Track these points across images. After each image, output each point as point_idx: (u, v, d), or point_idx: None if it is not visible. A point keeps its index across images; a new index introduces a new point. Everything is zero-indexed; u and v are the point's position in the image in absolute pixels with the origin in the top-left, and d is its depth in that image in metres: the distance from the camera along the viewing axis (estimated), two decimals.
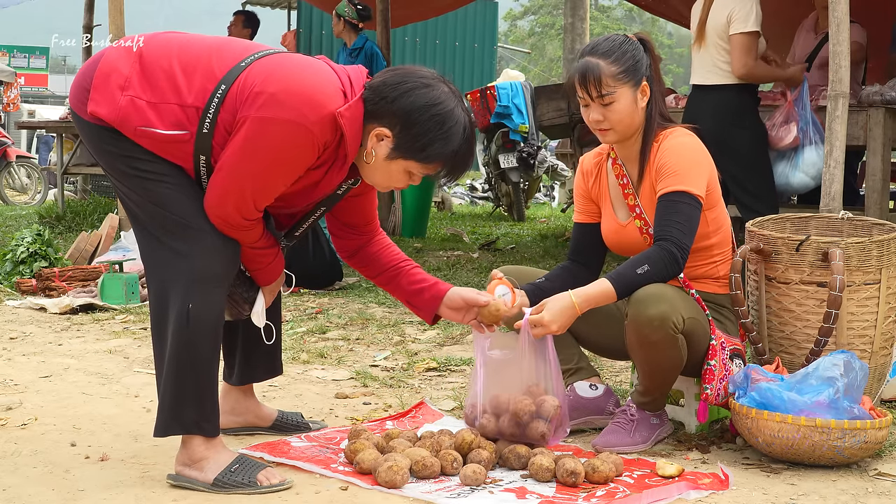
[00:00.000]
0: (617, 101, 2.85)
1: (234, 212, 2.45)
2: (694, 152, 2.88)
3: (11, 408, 3.23)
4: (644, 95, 2.89)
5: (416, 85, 2.45)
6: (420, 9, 10.88)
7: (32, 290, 5.54)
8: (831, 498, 2.50)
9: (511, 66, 29.50)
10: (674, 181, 2.82)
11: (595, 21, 34.93)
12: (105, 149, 2.49)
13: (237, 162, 2.40)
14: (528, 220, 11.54)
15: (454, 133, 2.46)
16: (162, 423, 2.50)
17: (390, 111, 2.44)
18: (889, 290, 3.05)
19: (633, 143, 2.96)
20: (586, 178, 3.10)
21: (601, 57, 2.86)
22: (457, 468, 2.58)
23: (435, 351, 4.20)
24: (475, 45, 14.42)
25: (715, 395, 2.83)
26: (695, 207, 2.81)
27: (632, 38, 2.93)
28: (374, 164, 2.50)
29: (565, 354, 3.10)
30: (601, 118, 2.88)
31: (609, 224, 3.04)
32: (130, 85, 2.43)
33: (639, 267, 2.76)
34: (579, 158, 3.18)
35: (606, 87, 2.84)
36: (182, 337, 2.45)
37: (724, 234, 3.00)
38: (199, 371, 2.48)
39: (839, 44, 4.21)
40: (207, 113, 2.41)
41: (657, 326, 2.70)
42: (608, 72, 2.84)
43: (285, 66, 2.45)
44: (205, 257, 2.47)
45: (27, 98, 25.43)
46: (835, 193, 4.20)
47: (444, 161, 2.49)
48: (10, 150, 14.79)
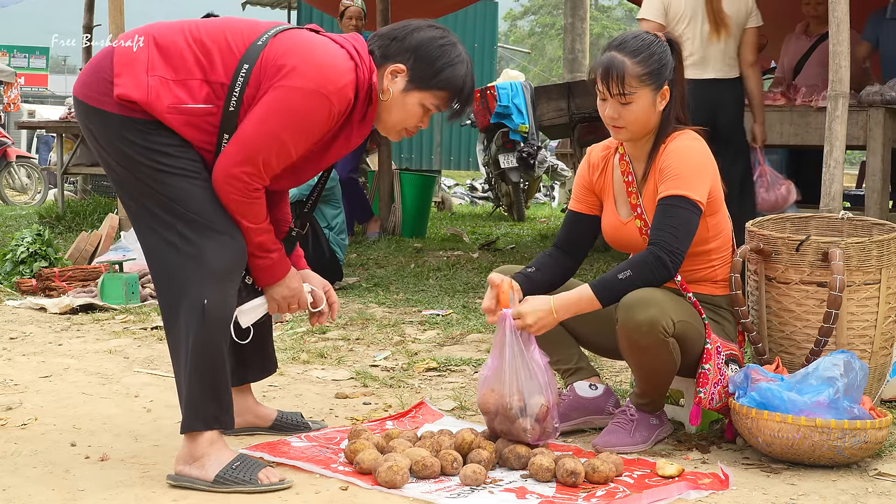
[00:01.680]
0: (636, 102, 2.83)
1: (243, 174, 2.50)
2: (699, 156, 2.85)
3: (11, 408, 3.23)
4: (663, 99, 2.87)
5: (421, 25, 2.67)
6: (421, 10, 10.89)
7: (32, 290, 5.54)
8: (831, 498, 2.50)
9: (511, 66, 29.51)
10: (675, 185, 2.80)
11: (595, 21, 34.91)
12: (128, 139, 2.51)
13: (257, 125, 2.50)
14: (528, 220, 11.54)
15: (461, 61, 2.65)
16: (186, 420, 2.54)
17: (402, 48, 2.62)
18: (889, 290, 3.05)
19: (644, 143, 2.93)
20: (592, 170, 3.07)
21: (628, 55, 2.83)
22: (457, 468, 2.58)
23: (435, 351, 4.20)
24: (475, 45, 14.40)
25: (709, 399, 2.81)
26: (693, 213, 2.79)
27: (661, 38, 2.90)
28: (391, 100, 2.63)
29: (565, 354, 3.10)
30: (617, 116, 2.85)
31: (610, 219, 3.03)
32: (154, 66, 2.51)
33: (621, 272, 2.75)
34: (586, 150, 3.17)
35: (629, 87, 2.81)
36: (199, 334, 2.49)
37: (724, 239, 2.98)
38: (217, 367, 2.53)
39: (839, 44, 4.21)
40: (233, 91, 2.52)
41: (646, 332, 2.69)
42: (633, 72, 2.81)
43: (302, 41, 2.58)
44: (215, 253, 2.50)
45: (27, 98, 25.43)
46: (835, 193, 4.20)
47: (454, 89, 2.64)
48: (10, 150, 14.79)
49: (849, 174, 12.62)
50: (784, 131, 5.29)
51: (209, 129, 2.54)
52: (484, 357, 4.07)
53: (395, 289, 5.84)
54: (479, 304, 5.22)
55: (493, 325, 2.81)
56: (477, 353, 4.16)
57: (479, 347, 4.26)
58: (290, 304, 2.77)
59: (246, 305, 2.72)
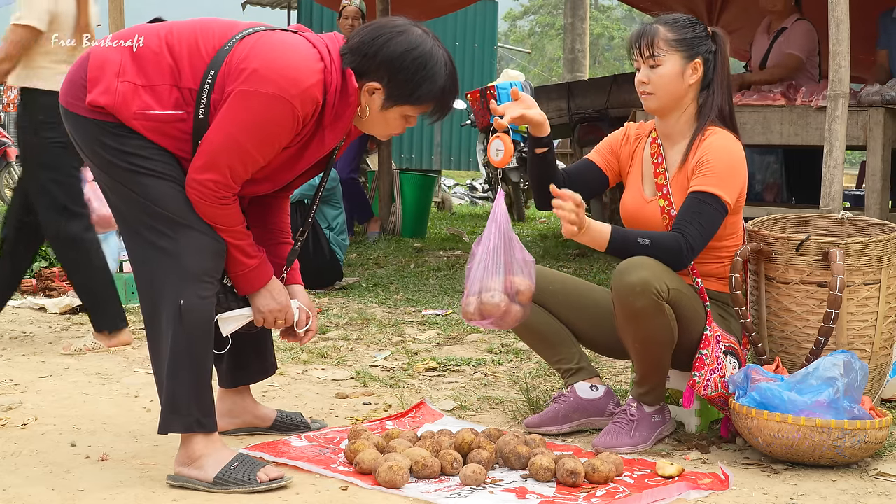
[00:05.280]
0: (664, 66, 2.90)
1: (209, 181, 2.47)
2: (738, 159, 2.90)
3: (11, 408, 3.23)
4: (694, 73, 2.92)
5: (392, 35, 2.53)
6: (421, 9, 10.88)
7: (32, 290, 5.54)
8: (831, 498, 2.50)
9: (511, 66, 29.51)
10: (710, 182, 2.83)
11: (595, 21, 34.92)
12: (104, 143, 2.51)
13: (218, 132, 2.46)
14: (528, 219, 11.55)
15: (437, 71, 2.55)
16: (163, 421, 2.53)
17: (374, 65, 2.52)
18: (889, 290, 3.05)
19: (675, 122, 2.97)
20: (625, 140, 3.12)
21: (662, 24, 2.94)
22: (457, 468, 2.58)
23: (435, 351, 4.20)
24: (475, 45, 14.39)
25: (703, 384, 2.81)
26: (720, 213, 2.84)
27: (702, 22, 2.99)
28: (370, 117, 2.59)
29: (566, 354, 3.10)
30: (647, 80, 2.93)
31: (634, 196, 3.04)
32: (125, 72, 2.49)
33: (641, 238, 2.79)
34: (586, 150, 3.19)
35: (657, 48, 2.90)
36: (177, 335, 2.47)
37: (738, 238, 3.02)
38: (196, 368, 2.51)
39: (839, 44, 4.21)
40: (201, 98, 2.48)
41: (639, 292, 2.71)
42: (663, 35, 2.91)
43: (266, 43, 2.51)
44: (193, 255, 2.49)
45: None
46: (835, 193, 4.20)
47: (434, 99, 2.58)
48: (10, 150, 14.76)
49: (849, 174, 12.62)
50: (784, 131, 5.28)
51: (181, 135, 2.51)
52: (484, 357, 4.08)
53: (395, 289, 5.84)
54: None
55: (493, 326, 2.78)
56: (477, 353, 4.16)
57: (479, 347, 4.26)
58: (277, 319, 2.70)
59: (229, 314, 2.66)
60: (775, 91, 5.51)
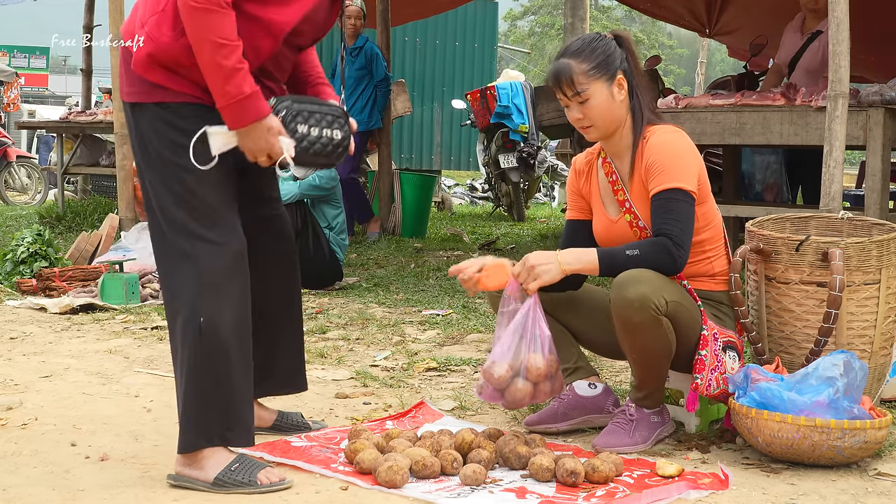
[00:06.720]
0: (592, 98, 2.88)
1: None
2: (682, 147, 2.88)
3: (11, 408, 3.23)
4: (621, 89, 2.91)
5: None
6: (420, 7, 10.88)
7: (33, 290, 5.54)
8: (831, 498, 2.50)
9: (511, 66, 29.51)
10: (665, 178, 2.83)
11: (595, 21, 34.91)
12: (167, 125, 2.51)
13: None
14: (528, 220, 11.55)
15: None
16: (184, 440, 2.50)
17: None
18: (889, 290, 3.05)
19: (619, 139, 2.97)
20: (578, 177, 3.13)
21: (572, 56, 2.89)
22: (457, 468, 2.58)
23: (435, 351, 4.20)
24: (475, 45, 14.40)
25: (706, 385, 2.81)
26: (689, 203, 2.82)
27: (607, 35, 2.96)
28: None
29: (565, 354, 3.10)
30: (581, 116, 2.91)
31: (600, 221, 3.05)
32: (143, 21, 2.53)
33: (629, 249, 2.79)
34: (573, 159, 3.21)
35: (579, 84, 2.87)
36: (196, 350, 2.47)
37: (716, 230, 3.00)
38: (219, 380, 2.49)
39: (839, 44, 4.21)
40: None
41: (638, 307, 2.71)
42: (579, 70, 2.87)
43: None
44: (210, 257, 2.49)
45: (27, 98, 25.45)
46: (835, 193, 4.20)
47: None
48: (10, 150, 14.80)
49: (849, 174, 12.62)
50: (784, 131, 5.28)
51: None
52: (484, 357, 4.07)
53: (395, 289, 5.84)
54: (479, 304, 5.22)
55: (492, 327, 2.80)
56: (477, 353, 4.16)
57: (479, 347, 4.26)
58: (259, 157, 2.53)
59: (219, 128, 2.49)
60: (775, 91, 5.50)
